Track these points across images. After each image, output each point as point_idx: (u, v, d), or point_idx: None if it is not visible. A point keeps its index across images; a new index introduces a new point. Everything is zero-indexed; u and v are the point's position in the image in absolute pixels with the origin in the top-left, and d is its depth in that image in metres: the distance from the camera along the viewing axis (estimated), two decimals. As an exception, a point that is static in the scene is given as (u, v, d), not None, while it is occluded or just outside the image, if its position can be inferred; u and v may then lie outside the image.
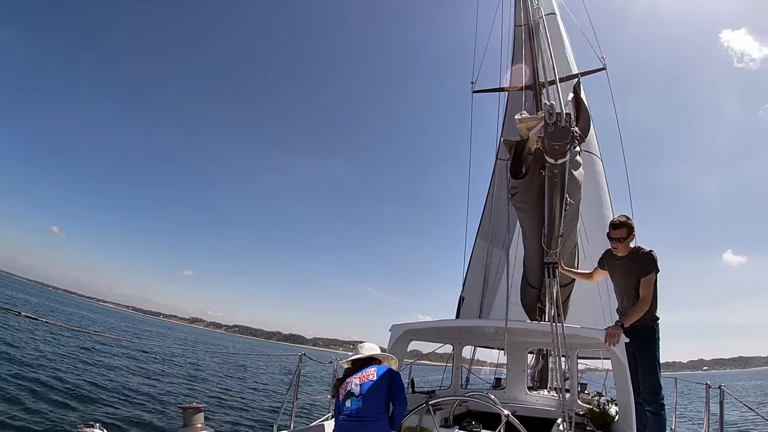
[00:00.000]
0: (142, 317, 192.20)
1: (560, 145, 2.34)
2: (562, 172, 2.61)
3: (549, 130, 2.33)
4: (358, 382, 2.99)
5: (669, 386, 6.45)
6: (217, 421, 10.03)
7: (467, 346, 6.28)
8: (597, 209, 8.84)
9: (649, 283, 3.72)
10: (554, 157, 2.43)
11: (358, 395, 2.92)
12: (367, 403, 2.88)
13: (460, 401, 4.34)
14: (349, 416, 2.90)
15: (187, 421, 3.72)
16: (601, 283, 7.50)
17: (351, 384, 3.01)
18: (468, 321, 6.57)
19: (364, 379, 3.00)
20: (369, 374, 3.02)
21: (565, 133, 2.30)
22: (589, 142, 9.51)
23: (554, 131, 2.32)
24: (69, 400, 9.39)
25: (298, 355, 5.17)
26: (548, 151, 2.43)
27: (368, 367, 3.12)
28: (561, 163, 2.46)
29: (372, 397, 2.90)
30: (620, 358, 3.52)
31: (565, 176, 2.70)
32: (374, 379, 2.98)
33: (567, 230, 3.87)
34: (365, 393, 2.91)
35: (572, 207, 3.50)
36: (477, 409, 4.40)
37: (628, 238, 3.90)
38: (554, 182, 2.70)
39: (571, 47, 10.30)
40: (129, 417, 9.06)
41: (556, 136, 2.32)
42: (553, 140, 2.34)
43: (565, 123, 2.30)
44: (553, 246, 3.32)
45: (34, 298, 58.74)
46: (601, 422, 4.18)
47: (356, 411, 2.87)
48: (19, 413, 7.75)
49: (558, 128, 2.31)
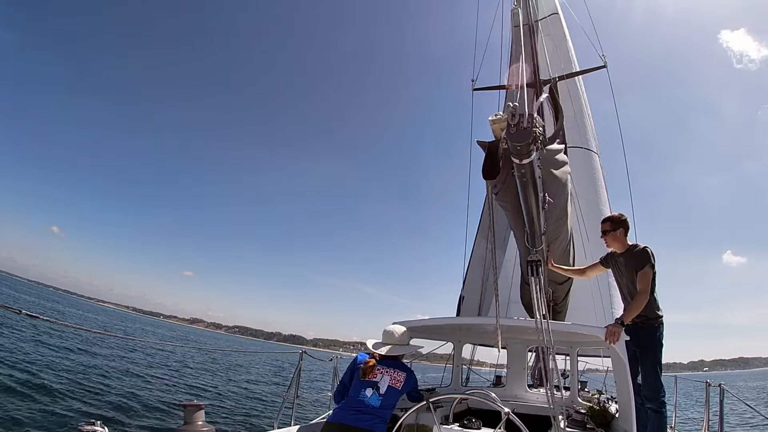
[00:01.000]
0: (142, 318, 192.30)
1: (522, 146, 2.32)
2: (530, 172, 2.61)
3: (511, 131, 2.33)
4: (388, 382, 3.09)
5: (669, 385, 6.46)
6: (218, 418, 10.05)
7: (467, 344, 6.28)
8: (596, 207, 8.85)
9: (644, 276, 3.71)
10: (519, 158, 2.42)
11: (382, 394, 3.03)
12: (386, 407, 3.00)
13: (460, 399, 4.34)
14: (363, 406, 2.95)
15: (188, 418, 3.72)
16: (602, 282, 7.53)
17: (381, 376, 3.11)
18: (467, 318, 6.58)
19: (395, 382, 3.11)
20: (399, 380, 3.13)
21: (526, 134, 2.29)
22: (589, 141, 9.53)
23: (516, 132, 2.32)
24: (70, 398, 9.40)
25: (298, 352, 5.18)
26: (512, 151, 2.43)
27: (399, 368, 3.22)
28: (527, 163, 2.45)
29: (391, 403, 3.05)
30: (620, 356, 3.52)
31: (535, 176, 2.70)
32: (400, 389, 3.11)
33: (553, 229, 3.89)
34: (388, 397, 3.03)
35: (556, 206, 3.51)
36: (477, 406, 4.40)
37: (613, 232, 3.97)
38: (524, 182, 2.70)
39: (573, 45, 10.33)
40: (130, 415, 9.08)
41: (518, 137, 2.31)
42: (514, 141, 2.34)
43: (527, 124, 2.30)
44: (537, 244, 3.33)
45: (34, 298, 58.77)
46: (602, 420, 4.19)
47: (372, 408, 2.95)
48: (20, 411, 7.76)
49: (520, 129, 2.31)
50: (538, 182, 2.80)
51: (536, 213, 3.09)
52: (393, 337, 3.38)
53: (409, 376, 3.21)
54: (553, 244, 4.21)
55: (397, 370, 3.19)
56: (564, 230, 4.27)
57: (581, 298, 7.18)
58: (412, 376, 3.24)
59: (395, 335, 3.39)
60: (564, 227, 4.24)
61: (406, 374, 3.18)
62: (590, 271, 4.51)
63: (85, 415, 8.20)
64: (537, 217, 3.15)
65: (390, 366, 3.19)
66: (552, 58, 9.56)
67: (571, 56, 9.97)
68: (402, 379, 3.13)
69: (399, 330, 3.44)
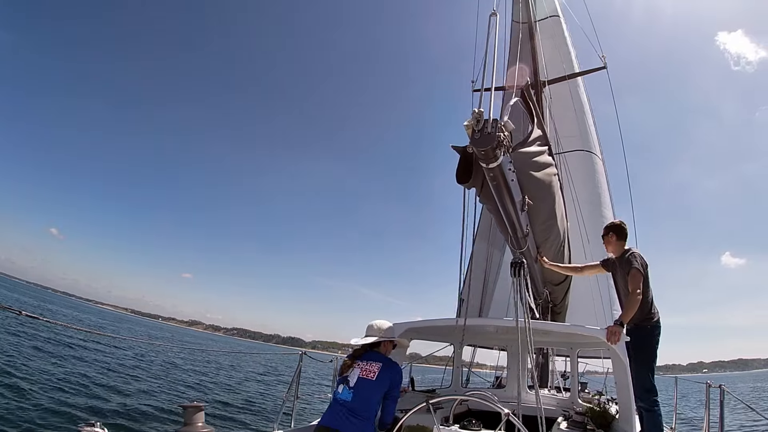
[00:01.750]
0: (140, 320, 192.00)
1: (486, 150, 2.33)
2: (500, 176, 2.62)
3: (475, 136, 2.33)
4: (358, 374, 2.95)
5: (669, 386, 6.48)
6: (217, 419, 10.03)
7: (468, 345, 6.28)
8: (597, 209, 8.87)
9: (633, 278, 3.81)
10: (486, 162, 2.44)
11: (352, 387, 2.90)
12: (358, 400, 2.86)
13: (460, 400, 4.34)
14: (337, 404, 2.90)
15: (188, 419, 3.72)
16: (602, 283, 7.54)
17: (352, 371, 2.99)
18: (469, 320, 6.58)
19: (365, 374, 2.95)
20: (371, 371, 2.97)
21: (490, 139, 2.29)
22: (590, 142, 9.56)
23: (480, 138, 2.32)
24: (70, 400, 9.38)
25: (298, 354, 5.17)
26: (478, 156, 2.44)
27: (375, 360, 3.04)
28: (494, 167, 2.46)
29: (365, 396, 2.88)
30: (621, 357, 3.52)
31: (507, 179, 2.70)
32: (373, 379, 2.92)
33: (541, 230, 3.90)
34: (360, 390, 2.89)
35: (540, 207, 3.53)
36: (477, 408, 4.39)
37: (606, 236, 4.19)
38: (495, 185, 2.71)
39: (572, 46, 10.36)
40: (130, 416, 9.06)
41: (481, 142, 2.32)
42: (477, 146, 2.34)
43: (491, 129, 2.30)
44: (520, 245, 3.35)
45: (33, 300, 58.64)
46: (602, 421, 4.18)
47: (343, 402, 2.87)
48: (19, 412, 7.74)
49: (484, 134, 2.31)
50: (511, 185, 2.81)
51: (515, 215, 3.09)
52: (373, 330, 3.22)
53: (387, 366, 3.00)
54: (543, 245, 4.24)
55: (371, 362, 3.02)
56: (554, 232, 4.30)
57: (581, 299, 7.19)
58: (391, 367, 3.03)
59: (375, 328, 3.23)
60: (553, 229, 4.28)
61: (382, 364, 2.99)
62: (588, 270, 4.54)
63: (85, 416, 8.19)
64: (516, 219, 3.16)
65: (366, 360, 3.05)
66: (552, 59, 9.60)
67: (570, 57, 10.00)
68: (376, 370, 2.95)
69: (383, 324, 3.27)
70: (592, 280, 7.11)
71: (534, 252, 4.13)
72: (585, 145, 9.49)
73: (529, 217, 3.42)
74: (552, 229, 4.25)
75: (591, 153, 9.48)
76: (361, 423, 2.80)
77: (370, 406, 2.89)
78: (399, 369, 3.15)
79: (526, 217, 3.26)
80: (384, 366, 3.01)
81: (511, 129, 2.48)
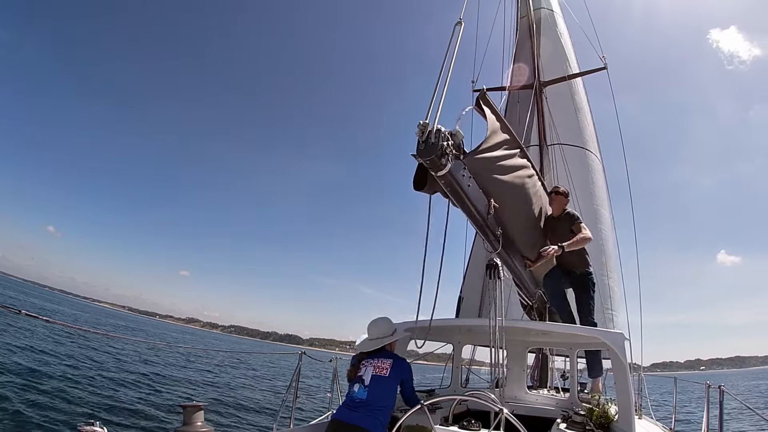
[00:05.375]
0: (138, 317, 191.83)
1: (430, 160, 2.32)
2: (453, 182, 2.62)
3: (420, 147, 2.33)
4: (372, 373, 3.10)
5: (668, 386, 6.51)
6: (217, 419, 10.03)
7: (467, 345, 6.28)
8: (596, 208, 8.88)
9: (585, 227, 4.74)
10: (433, 171, 2.43)
11: (367, 385, 3.04)
12: (373, 395, 2.99)
13: (459, 400, 4.34)
14: (353, 402, 3.00)
15: (187, 419, 3.73)
16: (602, 284, 7.55)
17: (365, 370, 3.13)
18: (468, 320, 6.58)
19: (378, 371, 3.11)
20: (384, 368, 3.12)
21: (432, 149, 2.29)
22: (589, 141, 9.56)
23: (423, 148, 2.32)
24: (69, 399, 9.37)
25: (298, 353, 5.17)
26: (425, 165, 2.44)
27: (384, 357, 3.22)
28: (443, 175, 2.45)
29: (380, 390, 3.02)
30: (620, 358, 3.53)
31: (462, 185, 2.71)
32: (386, 375, 3.08)
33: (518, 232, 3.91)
34: (375, 386, 3.03)
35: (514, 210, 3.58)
36: (477, 408, 4.40)
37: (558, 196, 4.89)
38: (450, 191, 2.73)
39: (572, 46, 10.36)
40: (129, 415, 9.06)
41: (424, 152, 2.32)
42: (421, 156, 2.34)
43: (434, 139, 2.29)
44: (494, 247, 3.38)
45: (30, 298, 58.53)
46: (601, 421, 4.19)
47: (360, 401, 2.98)
48: (19, 412, 7.74)
49: (428, 144, 2.30)
50: (468, 190, 2.82)
51: (480, 219, 3.12)
52: (376, 332, 3.37)
53: (397, 362, 3.20)
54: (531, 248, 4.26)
55: (381, 359, 3.20)
56: (537, 233, 4.37)
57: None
58: (400, 362, 3.23)
59: (378, 331, 3.37)
60: (536, 230, 4.35)
61: (392, 360, 3.19)
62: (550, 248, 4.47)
63: (84, 415, 8.18)
64: (484, 222, 3.18)
65: (374, 357, 3.22)
66: (552, 59, 9.60)
67: (570, 57, 10.00)
68: (387, 366, 3.13)
69: (384, 327, 3.41)
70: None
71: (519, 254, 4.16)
72: (583, 143, 9.49)
73: (503, 219, 3.43)
74: (535, 231, 4.32)
75: (589, 152, 9.47)
76: (374, 414, 2.93)
77: (384, 400, 3.03)
78: (407, 363, 3.33)
79: (493, 220, 3.27)
80: (394, 362, 3.18)
81: (461, 138, 2.49)
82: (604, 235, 8.65)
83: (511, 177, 3.43)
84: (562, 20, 10.49)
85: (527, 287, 4.91)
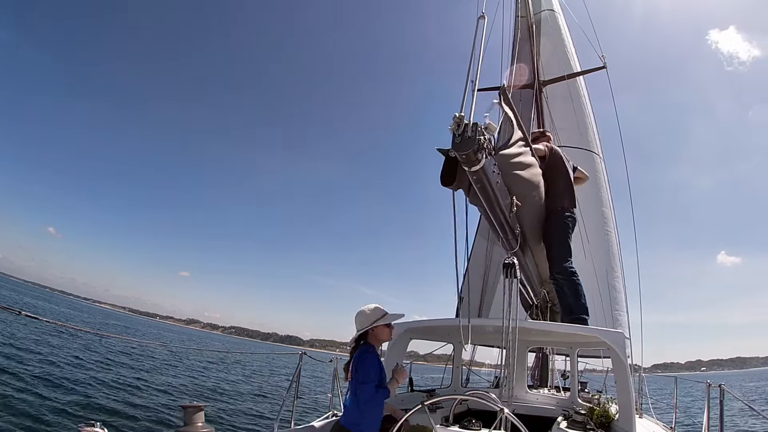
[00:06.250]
0: (138, 319, 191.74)
1: (467, 154, 2.29)
2: (484, 178, 2.58)
3: (456, 140, 2.29)
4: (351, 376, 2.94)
5: (669, 386, 6.50)
6: (217, 420, 10.02)
7: (467, 345, 6.28)
8: (597, 208, 8.87)
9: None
10: (467, 166, 2.40)
11: (351, 389, 2.94)
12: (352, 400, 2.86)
13: (460, 400, 4.34)
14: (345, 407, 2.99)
15: (188, 420, 3.72)
16: (602, 284, 7.54)
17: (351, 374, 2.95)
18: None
19: (350, 376, 2.93)
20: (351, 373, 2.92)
21: (470, 143, 2.25)
22: (590, 141, 9.55)
23: (460, 142, 2.28)
24: (69, 400, 9.37)
25: (298, 354, 5.17)
26: (460, 160, 2.40)
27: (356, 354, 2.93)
28: (477, 170, 2.42)
29: (351, 393, 2.91)
30: (621, 357, 3.53)
31: (491, 182, 2.68)
32: (355, 377, 2.86)
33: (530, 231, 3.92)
34: (352, 388, 2.91)
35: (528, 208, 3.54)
36: (477, 407, 4.39)
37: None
38: (480, 187, 2.68)
39: (572, 46, 10.36)
40: (129, 416, 9.06)
41: (461, 146, 2.28)
42: (458, 150, 2.30)
43: (471, 133, 2.26)
44: (512, 246, 3.35)
45: (30, 299, 58.51)
46: (602, 421, 4.19)
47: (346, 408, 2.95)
48: (19, 413, 7.74)
49: (464, 138, 2.27)
50: (496, 187, 2.78)
51: (503, 217, 3.08)
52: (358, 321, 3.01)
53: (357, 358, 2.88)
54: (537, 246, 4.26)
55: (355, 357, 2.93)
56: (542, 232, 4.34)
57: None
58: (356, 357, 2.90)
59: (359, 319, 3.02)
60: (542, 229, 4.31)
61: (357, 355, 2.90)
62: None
63: (84, 416, 8.18)
64: (506, 221, 3.15)
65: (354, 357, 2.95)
66: (552, 58, 9.60)
67: (570, 57, 10.00)
68: (355, 368, 2.87)
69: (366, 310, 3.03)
70: (592, 280, 7.12)
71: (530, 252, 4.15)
72: (584, 143, 9.48)
73: (519, 218, 3.41)
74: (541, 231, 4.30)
75: (590, 152, 9.46)
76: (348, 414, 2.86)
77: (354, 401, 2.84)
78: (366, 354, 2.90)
79: (515, 218, 3.25)
80: (354, 363, 2.90)
81: (494, 131, 2.45)
82: (610, 237, 8.58)
83: (529, 175, 3.42)
84: (562, 20, 10.48)
85: (534, 286, 4.90)
